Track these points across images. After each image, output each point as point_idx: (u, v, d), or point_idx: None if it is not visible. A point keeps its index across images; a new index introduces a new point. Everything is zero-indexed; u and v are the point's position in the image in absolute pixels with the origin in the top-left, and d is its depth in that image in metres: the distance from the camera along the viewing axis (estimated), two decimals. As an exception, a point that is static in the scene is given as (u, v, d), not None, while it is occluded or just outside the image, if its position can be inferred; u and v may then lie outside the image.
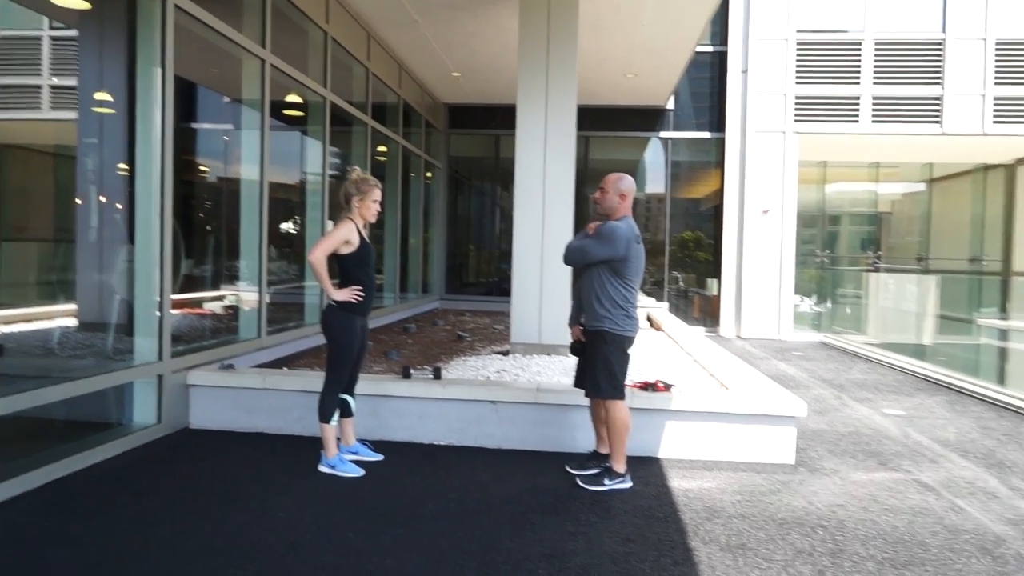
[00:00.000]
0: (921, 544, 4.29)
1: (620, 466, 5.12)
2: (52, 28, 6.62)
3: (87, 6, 6.39)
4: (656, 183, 16.71)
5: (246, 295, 8.00)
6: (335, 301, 5.18)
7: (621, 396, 5.10)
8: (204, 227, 8.63)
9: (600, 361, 5.09)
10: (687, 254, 16.98)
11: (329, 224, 9.47)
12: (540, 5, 8.51)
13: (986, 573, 3.93)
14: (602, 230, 5.11)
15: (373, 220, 5.39)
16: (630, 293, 5.11)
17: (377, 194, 5.35)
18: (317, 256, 5.07)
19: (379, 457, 5.57)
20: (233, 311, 8.19)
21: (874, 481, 5.49)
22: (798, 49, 15.41)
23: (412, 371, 6.63)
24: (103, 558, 3.74)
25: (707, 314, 16.47)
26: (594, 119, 15.43)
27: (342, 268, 5.26)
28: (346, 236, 5.16)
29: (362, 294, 5.22)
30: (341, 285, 5.24)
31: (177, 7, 6.23)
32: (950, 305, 13.86)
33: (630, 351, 5.20)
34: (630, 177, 5.27)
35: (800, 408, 5.79)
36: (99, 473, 5.10)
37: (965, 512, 4.89)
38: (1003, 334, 15.50)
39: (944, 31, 15.06)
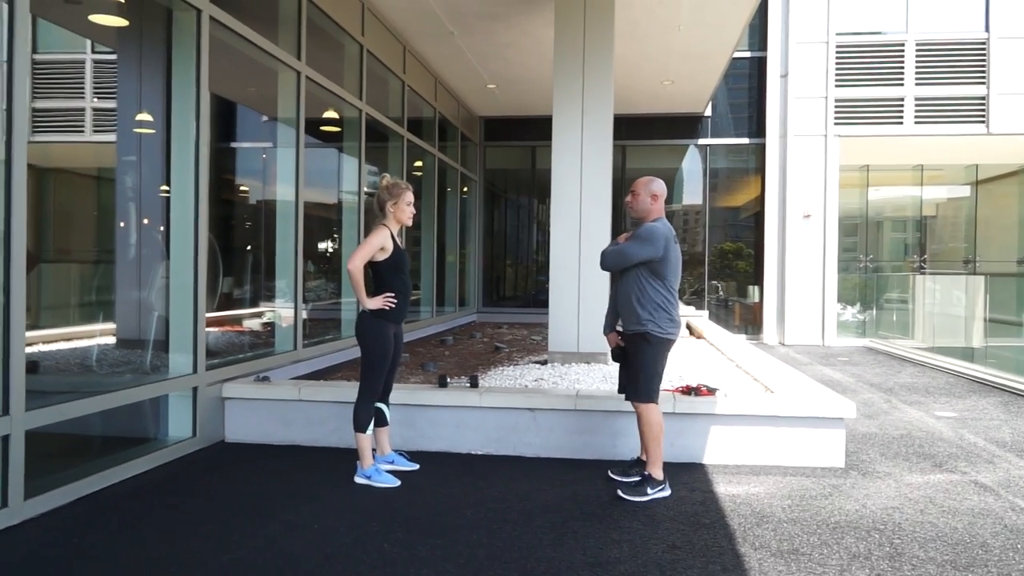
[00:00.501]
0: (983, 545, 4.09)
1: (659, 472, 4.95)
2: (94, 52, 6.68)
3: (124, 23, 6.43)
4: (694, 191, 16.51)
5: (282, 308, 7.95)
6: (368, 308, 5.10)
7: (655, 400, 4.96)
8: (241, 239, 8.63)
9: (642, 363, 4.96)
10: (727, 264, 16.75)
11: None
12: (576, 13, 8.41)
13: (1055, 578, 3.72)
14: (639, 231, 5.00)
15: (409, 223, 5.33)
16: (671, 294, 4.98)
17: (410, 196, 5.27)
18: (356, 264, 5.01)
19: (415, 466, 5.47)
20: (270, 327, 8.16)
21: (930, 483, 5.27)
22: (838, 52, 15.17)
23: (449, 380, 6.53)
24: (131, 573, 3.66)
25: (749, 322, 16.21)
26: (630, 128, 15.29)
27: (376, 275, 5.19)
28: (381, 243, 5.10)
29: (395, 301, 5.13)
30: (375, 292, 5.17)
31: (212, 19, 6.21)
32: (1000, 308, 13.50)
33: (667, 355, 5.07)
34: (660, 180, 5.19)
35: (849, 409, 5.59)
36: (131, 488, 5.04)
37: (1028, 514, 4.67)
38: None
39: (987, 30, 14.75)
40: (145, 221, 6.46)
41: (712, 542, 4.11)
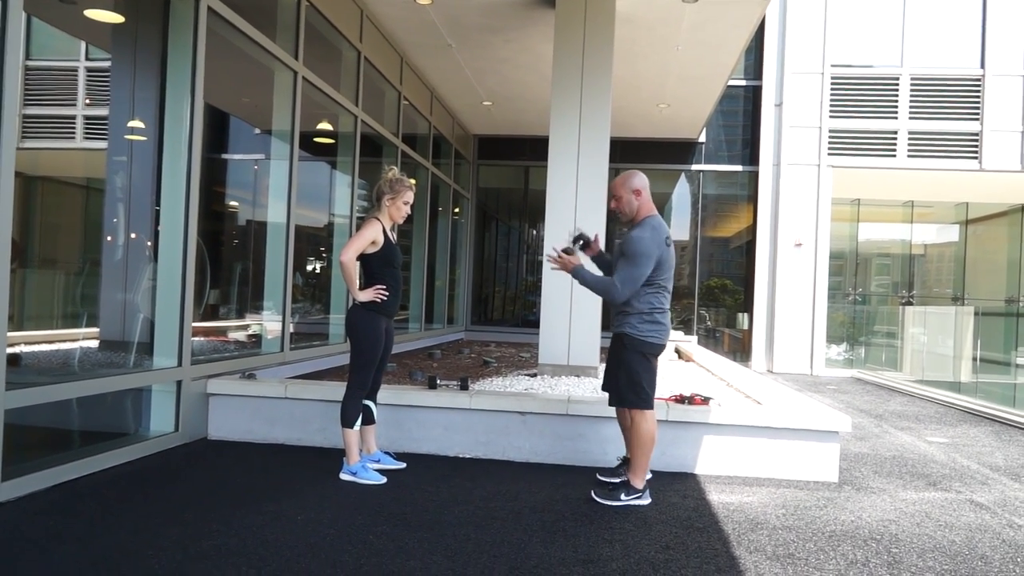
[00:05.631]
0: (982, 558, 4.00)
1: (639, 481, 4.77)
2: (88, 59, 6.62)
3: (120, 19, 6.36)
4: (685, 219, 16.52)
5: (271, 308, 7.84)
6: (360, 301, 5.02)
7: (648, 406, 4.77)
8: (233, 230, 8.54)
9: (622, 368, 4.80)
10: (714, 297, 16.74)
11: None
12: (575, 24, 8.38)
13: (1056, 589, 3.64)
14: (626, 249, 4.75)
15: (401, 221, 5.26)
16: (656, 298, 4.76)
17: (409, 196, 5.20)
18: (349, 256, 4.92)
19: (402, 465, 5.36)
20: (258, 325, 8.05)
21: (925, 500, 5.19)
22: (833, 83, 15.28)
23: (438, 381, 6.42)
24: (108, 555, 3.52)
25: (737, 349, 16.17)
26: (624, 151, 15.32)
27: (366, 268, 5.11)
28: (373, 236, 5.02)
29: (386, 294, 5.04)
30: (365, 285, 5.09)
31: (211, 10, 6.14)
32: (988, 345, 13.53)
33: (656, 360, 4.89)
34: (639, 172, 4.98)
35: (843, 422, 5.52)
36: (110, 477, 4.90)
37: (1025, 530, 4.60)
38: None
39: (983, 67, 14.88)
40: (133, 221, 6.35)
41: (706, 544, 4.01)
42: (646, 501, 4.78)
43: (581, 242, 5.11)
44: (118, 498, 4.45)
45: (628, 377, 4.78)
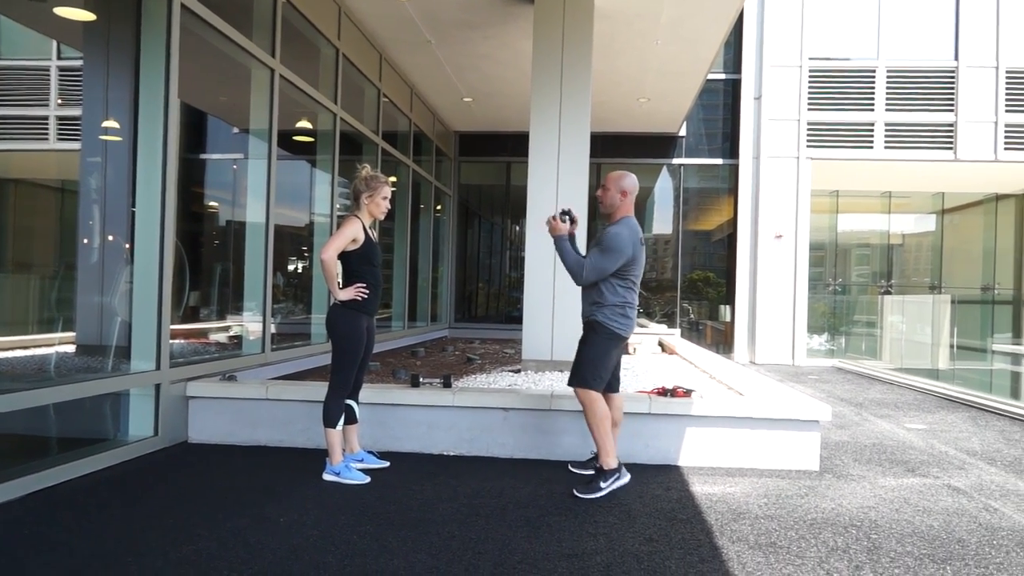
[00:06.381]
0: (959, 541, 4.06)
1: (610, 460, 4.85)
2: (60, 58, 6.56)
3: (92, 17, 6.29)
4: (667, 212, 16.57)
5: (251, 304, 7.80)
6: (340, 300, 5.00)
7: (591, 387, 4.87)
8: (212, 228, 8.49)
9: (588, 349, 4.95)
10: (697, 290, 16.81)
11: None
12: (554, 21, 8.39)
13: (1034, 572, 3.69)
14: (604, 241, 4.94)
15: (382, 217, 5.24)
16: (629, 293, 4.96)
17: (387, 191, 5.18)
18: (330, 254, 4.90)
19: (385, 464, 5.35)
20: (238, 325, 8.01)
21: (904, 486, 5.25)
22: (811, 76, 15.38)
23: (421, 379, 6.41)
24: (87, 563, 3.49)
25: (720, 341, 16.25)
26: (605, 146, 15.32)
27: (347, 266, 5.08)
28: (353, 234, 5.00)
29: (366, 292, 5.03)
30: (346, 283, 5.07)
31: (184, 7, 6.09)
32: (964, 333, 13.71)
33: (617, 351, 5.03)
34: (633, 175, 5.16)
35: (824, 412, 5.56)
36: (88, 484, 4.85)
37: (1000, 512, 4.67)
38: (1016, 359, 15.36)
39: (956, 59, 15.02)
40: (109, 222, 6.29)
41: (689, 535, 4.03)
42: (626, 478, 4.87)
43: (567, 217, 5.24)
44: (97, 505, 4.41)
45: (589, 357, 4.92)
